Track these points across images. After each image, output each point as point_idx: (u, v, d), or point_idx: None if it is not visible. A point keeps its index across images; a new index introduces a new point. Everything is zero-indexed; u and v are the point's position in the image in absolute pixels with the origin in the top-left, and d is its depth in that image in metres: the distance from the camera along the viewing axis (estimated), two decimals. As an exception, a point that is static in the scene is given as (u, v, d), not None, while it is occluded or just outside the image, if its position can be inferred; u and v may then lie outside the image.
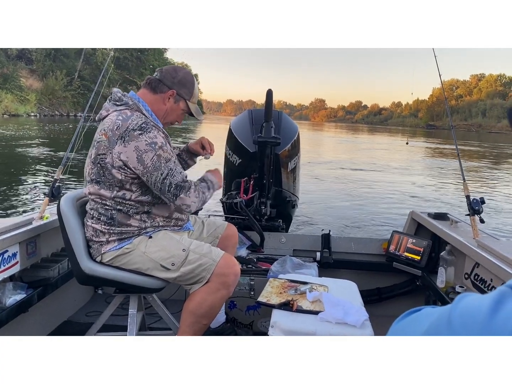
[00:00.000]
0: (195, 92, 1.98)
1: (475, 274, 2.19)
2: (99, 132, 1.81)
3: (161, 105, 1.92)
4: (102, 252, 1.86)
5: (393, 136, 27.88)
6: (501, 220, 7.65)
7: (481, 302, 0.46)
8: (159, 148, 1.76)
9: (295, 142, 3.15)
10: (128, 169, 1.76)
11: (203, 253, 1.86)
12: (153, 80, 1.92)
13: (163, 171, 1.76)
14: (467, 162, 17.64)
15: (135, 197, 1.83)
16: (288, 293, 1.99)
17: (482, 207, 2.33)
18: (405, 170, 15.15)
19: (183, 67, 2.01)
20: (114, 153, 1.75)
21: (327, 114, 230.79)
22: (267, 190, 2.87)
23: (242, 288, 2.50)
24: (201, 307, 1.84)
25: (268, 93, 2.73)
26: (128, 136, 1.73)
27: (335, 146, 28.98)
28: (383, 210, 7.99)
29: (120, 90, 1.93)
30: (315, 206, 7.90)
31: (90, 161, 1.84)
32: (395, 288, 2.88)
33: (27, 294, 2.03)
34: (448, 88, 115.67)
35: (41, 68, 44.45)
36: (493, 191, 11.10)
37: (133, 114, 1.80)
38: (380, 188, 10.66)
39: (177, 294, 2.55)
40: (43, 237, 2.25)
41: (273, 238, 2.97)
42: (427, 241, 2.64)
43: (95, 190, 1.83)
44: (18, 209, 6.50)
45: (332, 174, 13.11)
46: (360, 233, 6.24)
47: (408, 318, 0.57)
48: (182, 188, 1.81)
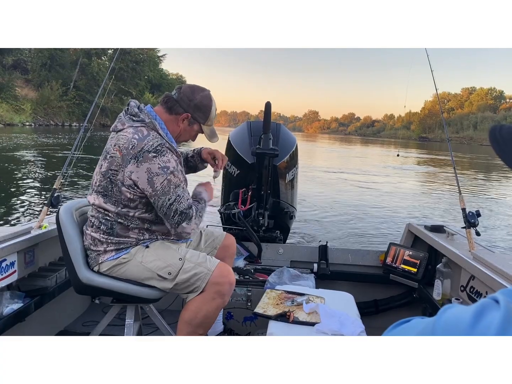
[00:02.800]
0: (211, 116, 1.97)
1: (471, 286, 2.20)
2: (113, 147, 1.81)
3: (175, 126, 1.93)
4: (99, 261, 1.87)
5: (385, 148, 28.08)
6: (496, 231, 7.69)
7: (464, 313, 0.48)
8: (171, 173, 1.77)
9: (293, 154, 3.17)
10: (137, 189, 1.78)
11: (198, 262, 1.87)
12: (170, 99, 1.92)
13: (171, 197, 1.78)
14: (462, 174, 17.77)
15: (138, 214, 1.85)
16: (285, 305, 2.00)
17: (478, 220, 2.36)
18: (401, 182, 15.23)
19: (202, 88, 1.97)
20: (126, 172, 1.76)
21: (321, 125, 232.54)
22: (265, 201, 2.88)
23: (239, 299, 2.51)
24: (196, 317, 1.84)
25: (266, 106, 2.76)
26: (142, 157, 1.74)
27: (329, 156, 29.16)
28: (380, 222, 8.02)
29: (137, 102, 1.94)
30: (312, 217, 7.91)
31: (100, 172, 1.84)
32: (392, 300, 2.89)
33: (24, 303, 2.02)
34: (440, 101, 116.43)
35: (37, 78, 44.70)
36: (488, 200, 11.18)
37: (149, 133, 1.80)
38: (378, 200, 10.70)
39: (174, 304, 2.54)
40: (41, 246, 2.25)
41: (271, 249, 2.98)
42: (423, 253, 2.66)
43: (100, 202, 1.84)
44: (16, 218, 6.48)
45: (330, 185, 13.16)
46: (357, 244, 6.25)
47: (398, 328, 0.59)
48: (186, 216, 1.83)
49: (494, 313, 0.45)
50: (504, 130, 0.59)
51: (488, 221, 8.54)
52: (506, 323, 0.44)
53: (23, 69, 45.30)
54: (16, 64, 44.48)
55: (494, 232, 7.75)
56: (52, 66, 45.39)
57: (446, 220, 7.77)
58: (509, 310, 0.45)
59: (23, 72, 45.11)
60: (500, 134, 0.59)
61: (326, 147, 46.05)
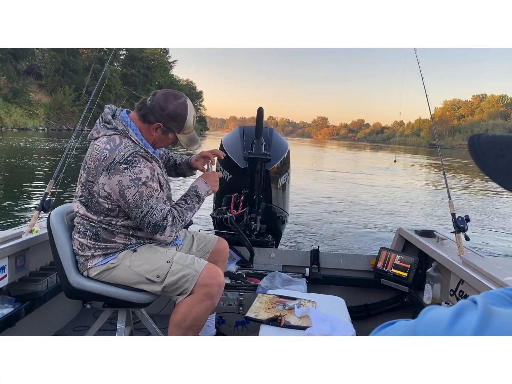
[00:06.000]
0: (186, 124, 1.89)
1: (460, 290, 2.22)
2: (89, 157, 1.80)
3: (149, 134, 1.89)
4: (88, 267, 1.87)
5: (395, 155, 28.47)
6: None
7: (443, 314, 0.50)
8: (143, 184, 1.75)
9: (285, 159, 3.19)
10: (113, 199, 1.78)
11: (186, 264, 1.87)
12: (143, 106, 1.87)
13: (143, 209, 1.77)
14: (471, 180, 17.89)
15: (121, 222, 1.86)
16: (277, 309, 2.01)
17: (467, 225, 2.38)
18: (393, 186, 15.30)
19: (177, 96, 1.87)
20: (99, 183, 1.76)
21: (330, 132, 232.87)
22: (257, 205, 2.90)
23: (231, 304, 2.51)
24: (186, 319, 1.84)
25: (258, 111, 2.78)
26: (113, 169, 1.72)
27: (338, 162, 29.30)
28: (371, 226, 8.05)
29: (112, 108, 1.91)
30: (304, 222, 7.93)
31: (81, 181, 1.84)
32: (383, 304, 2.91)
33: (14, 308, 2.02)
34: (450, 108, 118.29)
35: (50, 83, 45.59)
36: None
37: (122, 142, 1.77)
38: (369, 205, 10.75)
39: (166, 309, 2.54)
40: (32, 250, 2.24)
41: (263, 254, 2.99)
42: (414, 258, 2.68)
43: (83, 211, 1.85)
44: (8, 222, 6.43)
45: (322, 189, 13.20)
46: (349, 249, 6.27)
47: (383, 330, 0.60)
48: (159, 228, 1.81)
49: (472, 314, 0.47)
50: (482, 139, 0.61)
51: (482, 225, 8.62)
52: (483, 324, 0.45)
53: (36, 75, 46.15)
54: (30, 70, 45.36)
55: (483, 237, 7.82)
56: (65, 71, 46.34)
57: (440, 223, 7.81)
58: (486, 311, 0.46)
59: (36, 77, 46.01)
60: (478, 143, 0.61)
61: (334, 152, 46.16)
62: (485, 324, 0.45)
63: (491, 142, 0.60)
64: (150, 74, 56.02)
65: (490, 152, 0.59)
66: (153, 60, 57.35)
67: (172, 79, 65.53)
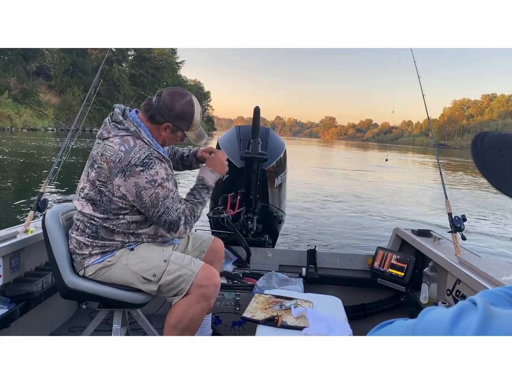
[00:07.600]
0: (194, 121, 1.92)
1: (457, 290, 2.21)
2: (101, 157, 1.79)
3: (158, 134, 1.91)
4: (85, 265, 1.87)
5: (403, 154, 28.39)
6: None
7: (443, 316, 0.49)
8: (159, 185, 1.77)
9: (281, 159, 3.18)
10: (129, 199, 1.80)
11: (182, 264, 1.87)
12: (150, 107, 1.87)
13: (159, 209, 1.80)
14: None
15: (127, 219, 1.86)
16: (273, 309, 2.00)
17: (463, 225, 2.37)
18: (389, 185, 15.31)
19: (183, 94, 1.88)
20: (114, 184, 1.76)
21: (337, 131, 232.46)
22: (253, 205, 2.89)
23: (228, 304, 2.50)
24: (182, 320, 1.84)
25: (255, 111, 2.77)
26: (129, 171, 1.73)
27: (343, 161, 29.27)
28: (368, 226, 8.04)
29: (122, 107, 1.91)
30: (301, 222, 7.93)
31: (88, 180, 1.83)
32: (380, 304, 2.90)
33: (9, 308, 2.01)
34: (459, 107, 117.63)
35: (59, 84, 46.54)
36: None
37: (136, 144, 1.78)
38: (366, 204, 10.74)
39: (162, 309, 2.54)
40: (27, 250, 2.24)
41: (259, 254, 2.98)
42: (410, 258, 2.67)
43: (88, 210, 1.84)
44: (2, 222, 6.43)
45: (321, 188, 13.20)
46: (346, 248, 6.26)
47: (381, 330, 0.59)
48: (175, 226, 1.86)
49: (472, 316, 0.46)
50: (486, 138, 0.59)
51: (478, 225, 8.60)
52: (484, 325, 0.44)
53: (46, 75, 47.08)
54: (39, 70, 46.35)
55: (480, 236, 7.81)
56: (74, 72, 47.13)
57: (439, 222, 7.80)
58: (486, 312, 0.46)
59: (46, 78, 46.97)
60: (481, 142, 0.59)
61: (339, 152, 46.07)
62: (486, 326, 0.44)
63: (493, 141, 0.58)
64: (158, 74, 56.47)
65: (490, 151, 0.57)
66: (161, 61, 57.64)
67: (180, 80, 66.06)
